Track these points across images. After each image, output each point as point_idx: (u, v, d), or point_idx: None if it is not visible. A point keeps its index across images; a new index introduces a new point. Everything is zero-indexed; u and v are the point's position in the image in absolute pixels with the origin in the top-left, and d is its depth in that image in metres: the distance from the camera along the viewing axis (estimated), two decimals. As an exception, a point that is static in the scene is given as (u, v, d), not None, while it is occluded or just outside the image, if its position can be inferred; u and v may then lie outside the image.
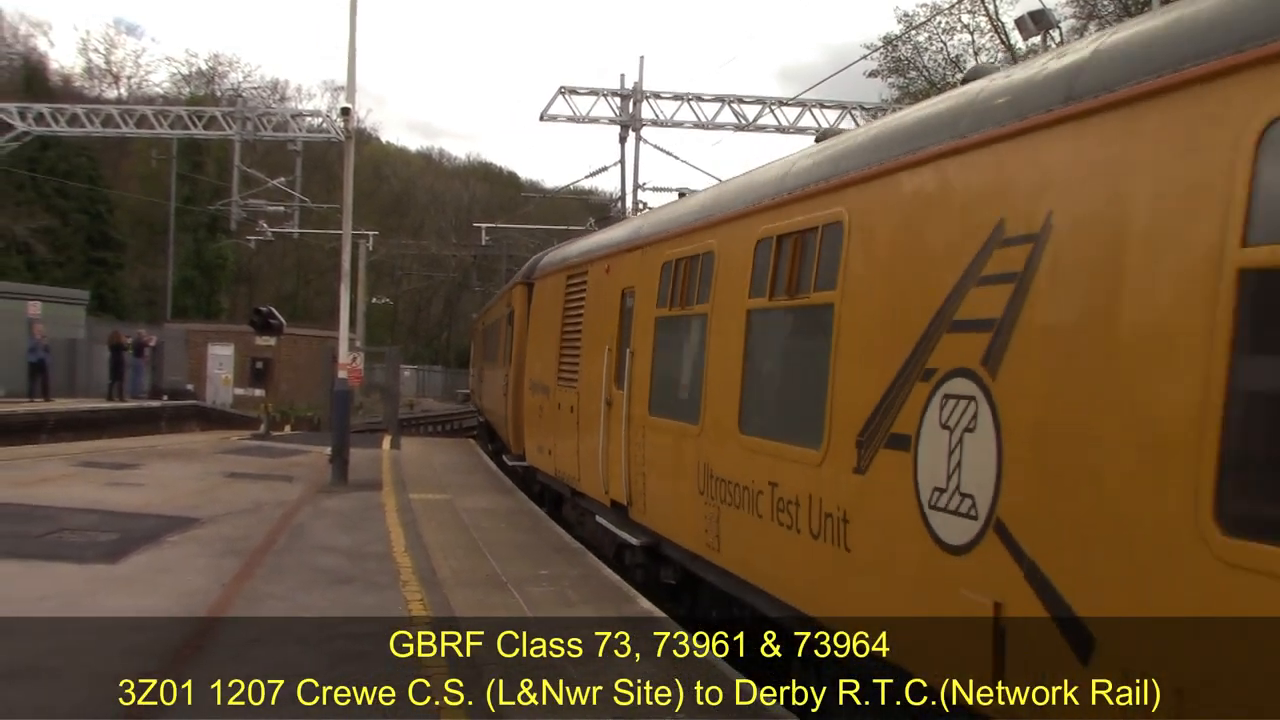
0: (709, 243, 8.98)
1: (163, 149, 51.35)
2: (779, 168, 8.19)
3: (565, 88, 33.43)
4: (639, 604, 9.64)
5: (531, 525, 14.09)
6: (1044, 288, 4.66)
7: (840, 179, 6.74)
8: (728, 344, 8.25)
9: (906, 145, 6.01)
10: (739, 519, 7.91)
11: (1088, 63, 4.73)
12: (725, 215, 8.80)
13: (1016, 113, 5.08)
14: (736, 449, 8.00)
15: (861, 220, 6.39)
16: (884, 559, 5.84)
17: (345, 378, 18.28)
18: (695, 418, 8.85)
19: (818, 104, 33.43)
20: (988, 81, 5.66)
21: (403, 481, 18.25)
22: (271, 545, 11.70)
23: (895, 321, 5.80)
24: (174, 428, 30.95)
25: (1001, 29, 38.44)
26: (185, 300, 53.82)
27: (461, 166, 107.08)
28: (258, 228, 46.56)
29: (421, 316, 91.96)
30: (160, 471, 18.24)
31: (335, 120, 34.19)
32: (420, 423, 45.39)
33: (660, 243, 10.40)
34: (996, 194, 5.11)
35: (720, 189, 9.87)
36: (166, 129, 39.11)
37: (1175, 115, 4.12)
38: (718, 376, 8.43)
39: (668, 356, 10.12)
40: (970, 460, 5.07)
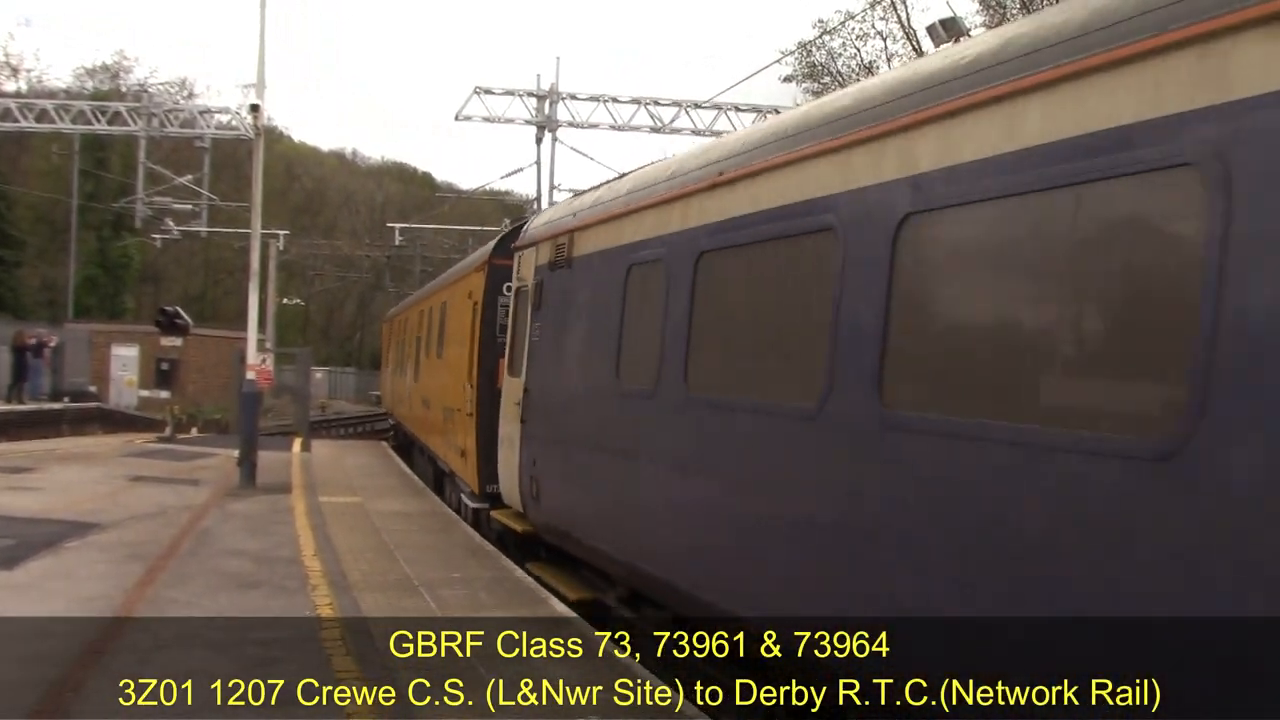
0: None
1: (64, 144, 49.91)
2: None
3: (481, 88, 33.32)
4: (551, 605, 9.67)
5: (444, 528, 14.02)
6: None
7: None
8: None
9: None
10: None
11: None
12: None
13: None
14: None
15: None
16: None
17: (254, 379, 18.00)
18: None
19: (733, 107, 33.72)
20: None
21: (313, 484, 18.01)
22: (176, 550, 11.47)
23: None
24: (76, 430, 30.16)
25: (913, 35, 39.12)
26: (88, 300, 52.34)
27: (376, 166, 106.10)
28: (164, 226, 45.57)
29: (334, 318, 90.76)
30: (60, 475, 17.76)
31: (244, 117, 33.63)
32: (332, 425, 44.76)
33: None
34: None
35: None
36: (68, 124, 38.09)
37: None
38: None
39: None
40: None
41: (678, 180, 8.33)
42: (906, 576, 5.12)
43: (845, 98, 6.49)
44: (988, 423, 4.65)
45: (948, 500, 4.89)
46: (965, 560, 4.76)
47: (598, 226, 10.09)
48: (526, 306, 11.97)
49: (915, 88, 5.50)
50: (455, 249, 45.94)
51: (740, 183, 7.19)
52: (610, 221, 9.73)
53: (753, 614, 6.64)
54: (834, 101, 6.68)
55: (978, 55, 5.12)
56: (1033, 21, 5.04)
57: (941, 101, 5.16)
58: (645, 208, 8.86)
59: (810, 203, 6.25)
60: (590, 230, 10.30)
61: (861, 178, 5.76)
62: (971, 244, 5.08)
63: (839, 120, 6.13)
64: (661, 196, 8.52)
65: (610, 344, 9.19)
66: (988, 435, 4.63)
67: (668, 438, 8.03)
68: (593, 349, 9.81)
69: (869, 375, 5.46)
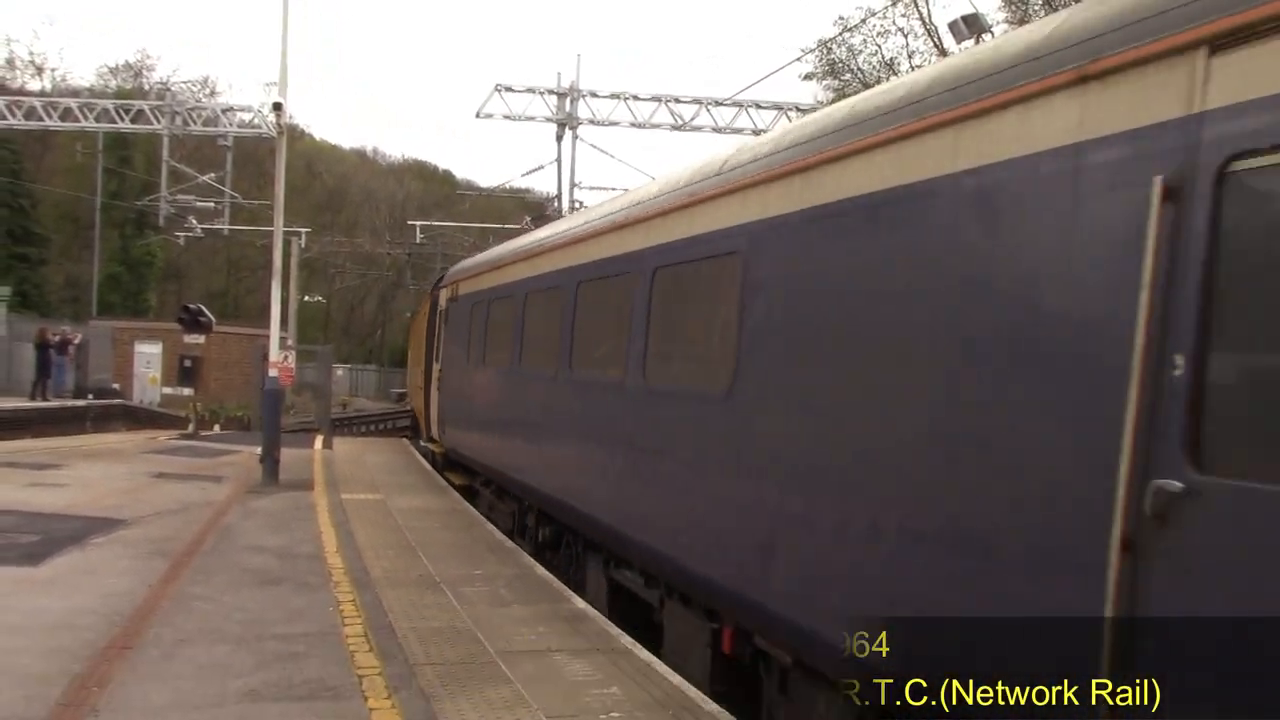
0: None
1: (88, 143, 50.18)
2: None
3: (501, 85, 33.41)
4: (574, 603, 9.67)
5: (465, 525, 14.03)
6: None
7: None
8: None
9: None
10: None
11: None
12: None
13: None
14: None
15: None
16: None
17: (276, 376, 18.05)
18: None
19: (753, 104, 33.67)
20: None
21: (335, 481, 18.06)
22: (199, 546, 11.53)
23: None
24: (99, 427, 30.33)
25: (934, 32, 38.94)
26: (112, 297, 52.60)
27: (396, 164, 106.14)
28: (187, 224, 45.77)
29: (355, 315, 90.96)
30: (84, 472, 17.87)
31: (267, 115, 33.76)
32: (353, 422, 44.89)
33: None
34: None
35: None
36: (92, 122, 38.36)
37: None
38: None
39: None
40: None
41: (504, 260, 15.51)
42: (619, 453, 9.31)
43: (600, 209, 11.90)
44: (676, 386, 8.45)
45: (665, 422, 8.46)
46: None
47: (466, 280, 18.51)
48: (442, 322, 20.50)
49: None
50: (476, 247, 45.97)
51: (518, 264, 14.33)
52: (471, 279, 18.08)
53: (528, 481, 12.95)
54: (598, 209, 12.09)
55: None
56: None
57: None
58: (484, 273, 16.93)
59: (562, 271, 11.79)
60: (463, 283, 18.63)
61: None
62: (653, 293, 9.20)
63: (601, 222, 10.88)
64: (494, 265, 16.33)
65: (471, 343, 17.14)
66: (673, 390, 8.46)
67: (501, 393, 14.92)
68: (465, 346, 17.67)
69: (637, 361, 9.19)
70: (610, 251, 10.12)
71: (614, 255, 9.99)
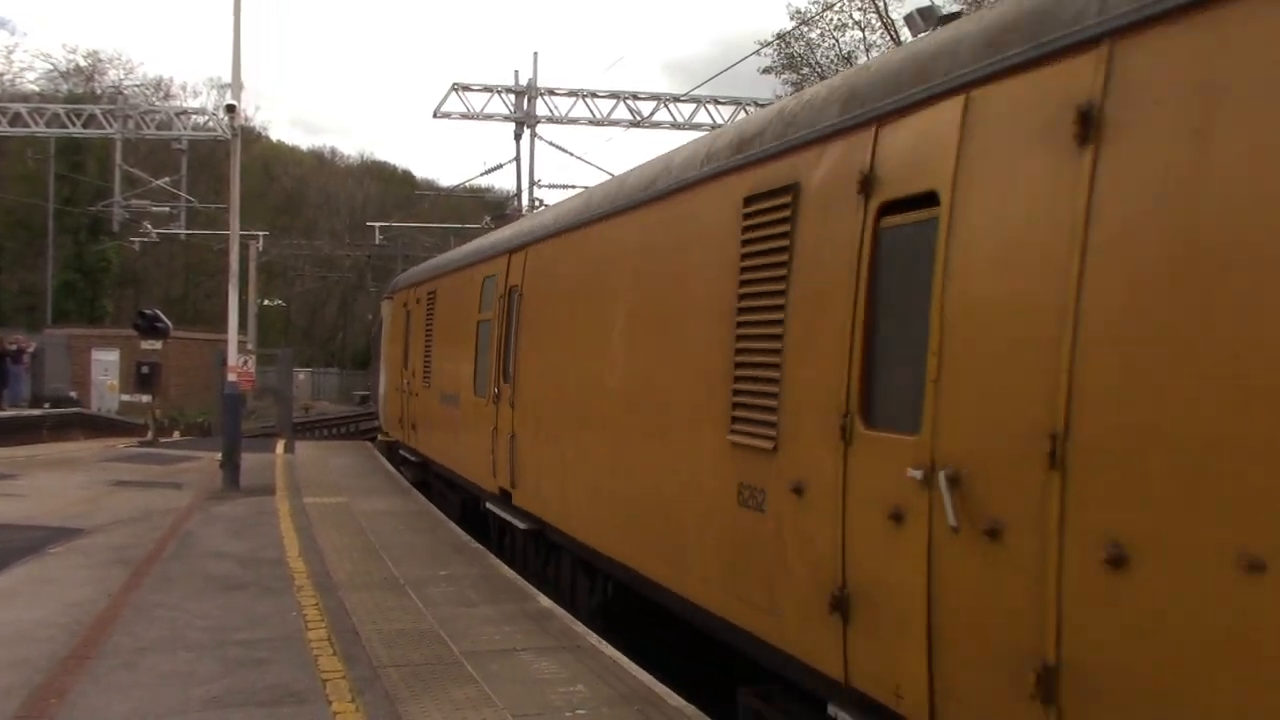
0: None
1: (39, 148, 49.41)
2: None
3: (459, 84, 33.21)
4: (540, 601, 9.67)
5: (430, 526, 13.99)
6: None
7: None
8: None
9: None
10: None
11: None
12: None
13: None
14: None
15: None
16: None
17: (236, 381, 17.93)
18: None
19: (711, 100, 33.72)
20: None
21: (297, 485, 17.95)
22: (160, 554, 11.42)
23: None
24: (57, 436, 29.92)
25: (891, 25, 39.13)
26: (67, 305, 51.89)
27: (354, 165, 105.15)
28: (142, 229, 45.24)
29: (316, 318, 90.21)
30: (42, 481, 17.66)
31: (221, 118, 33.45)
32: (316, 426, 44.52)
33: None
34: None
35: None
36: (43, 127, 37.81)
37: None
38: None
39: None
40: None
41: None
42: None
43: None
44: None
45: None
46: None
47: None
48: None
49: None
50: (437, 247, 45.74)
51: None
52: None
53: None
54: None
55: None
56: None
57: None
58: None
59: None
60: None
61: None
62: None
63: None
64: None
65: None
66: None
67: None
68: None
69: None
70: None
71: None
